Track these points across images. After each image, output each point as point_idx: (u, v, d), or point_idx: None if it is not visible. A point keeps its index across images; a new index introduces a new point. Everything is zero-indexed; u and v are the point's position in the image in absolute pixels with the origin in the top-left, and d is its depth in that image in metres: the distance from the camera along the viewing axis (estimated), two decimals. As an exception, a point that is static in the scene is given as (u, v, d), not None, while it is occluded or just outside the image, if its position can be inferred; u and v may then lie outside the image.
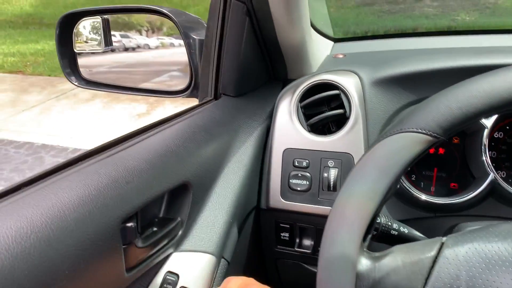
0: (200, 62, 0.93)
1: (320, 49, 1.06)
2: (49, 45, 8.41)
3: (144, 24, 1.13)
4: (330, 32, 1.17)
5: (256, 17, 0.82)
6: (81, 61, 0.99)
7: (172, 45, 1.12)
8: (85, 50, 0.97)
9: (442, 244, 0.48)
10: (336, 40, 1.19)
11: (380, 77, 0.81)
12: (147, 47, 1.11)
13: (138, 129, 0.70)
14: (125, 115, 4.81)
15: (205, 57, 0.89)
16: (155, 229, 0.64)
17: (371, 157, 0.54)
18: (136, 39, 1.08)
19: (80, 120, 4.73)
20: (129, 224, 0.55)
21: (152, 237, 0.61)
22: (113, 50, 1.03)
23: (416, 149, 0.52)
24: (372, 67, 0.84)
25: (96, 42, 0.97)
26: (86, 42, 0.97)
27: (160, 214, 0.67)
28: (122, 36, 1.07)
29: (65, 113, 5.00)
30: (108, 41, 0.97)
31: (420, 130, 0.51)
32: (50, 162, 3.77)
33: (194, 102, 0.92)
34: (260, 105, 0.91)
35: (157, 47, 1.12)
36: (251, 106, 0.90)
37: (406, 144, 0.52)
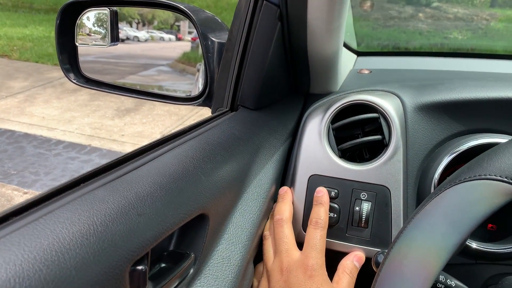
0: (217, 68, 0.83)
1: (345, 63, 0.98)
2: (38, 30, 8.19)
3: (135, 16, 1.06)
4: (354, 45, 1.09)
5: (288, 23, 0.72)
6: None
7: (162, 39, 1.08)
8: (87, 44, 0.86)
9: None
10: (359, 54, 1.11)
11: (426, 102, 0.72)
12: (137, 39, 1.04)
13: (148, 144, 0.60)
14: (112, 108, 4.66)
15: (225, 62, 0.79)
16: (163, 265, 0.54)
17: (440, 205, 0.45)
18: (126, 30, 1.01)
19: (65, 111, 4.57)
20: (139, 267, 0.45)
21: (163, 278, 0.50)
22: (123, 40, 0.93)
23: (497, 201, 0.43)
24: (415, 90, 0.75)
25: (100, 36, 0.87)
26: (88, 35, 0.86)
27: (170, 247, 0.57)
28: (111, 27, 0.99)
29: (50, 102, 4.82)
30: (114, 36, 0.86)
31: (506, 179, 0.42)
32: (32, 153, 3.62)
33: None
34: (281, 121, 0.82)
35: (146, 40, 1.06)
36: (271, 122, 0.80)
37: (486, 195, 0.43)
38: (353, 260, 0.69)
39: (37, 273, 0.35)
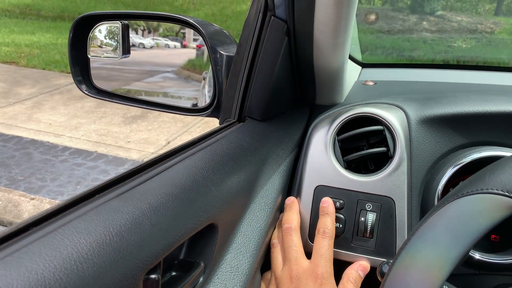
0: (225, 80, 0.85)
1: (350, 74, 0.99)
2: (45, 37, 8.28)
3: (140, 23, 1.08)
4: (359, 57, 1.11)
5: (295, 38, 0.74)
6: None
7: (167, 46, 1.09)
8: (99, 56, 0.89)
9: None
10: (364, 66, 1.13)
11: (429, 115, 0.74)
12: (142, 46, 1.06)
13: (159, 156, 0.62)
14: (119, 115, 4.70)
15: (233, 75, 0.81)
16: (174, 273, 0.56)
17: (443, 218, 0.46)
18: (131, 37, 1.03)
19: (71, 118, 4.61)
20: (152, 276, 0.47)
21: (174, 287, 0.52)
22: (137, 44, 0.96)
23: (499, 215, 0.44)
24: (419, 103, 0.77)
25: (111, 48, 0.89)
26: (100, 46, 0.89)
27: (180, 256, 0.59)
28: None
29: (57, 109, 4.87)
30: (126, 49, 0.88)
31: (507, 194, 0.43)
32: (38, 159, 3.65)
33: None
34: (287, 132, 0.84)
35: (152, 47, 1.07)
36: (277, 133, 0.82)
37: (487, 208, 0.44)
38: (357, 270, 0.70)
39: (58, 281, 0.36)
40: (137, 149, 3.91)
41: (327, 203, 0.73)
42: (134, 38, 1.02)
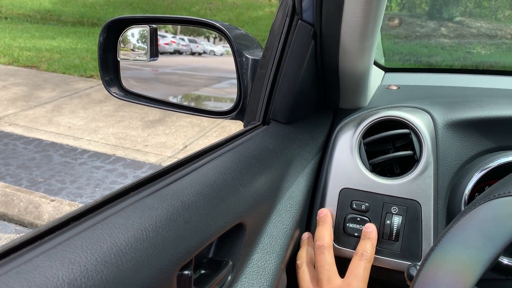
0: (250, 83, 0.86)
1: (373, 78, 1.00)
2: (65, 42, 8.42)
3: (212, 31, 1.12)
4: (382, 61, 1.11)
5: (321, 41, 0.75)
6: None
7: None
8: (129, 58, 0.91)
9: None
10: (387, 70, 1.13)
11: (456, 119, 0.74)
12: (213, 53, 1.09)
13: (189, 156, 0.63)
14: (137, 119, 4.75)
15: (259, 78, 0.82)
16: (203, 271, 0.57)
17: (474, 219, 0.46)
18: (203, 44, 1.08)
19: (90, 121, 4.68)
20: (186, 272, 0.48)
21: (204, 284, 0.53)
22: (180, 53, 1.02)
23: None
24: (445, 107, 0.77)
25: (144, 52, 0.91)
26: (133, 50, 0.91)
27: (209, 254, 0.60)
28: (190, 40, 1.08)
29: (76, 112, 4.95)
30: (154, 52, 0.90)
31: None
32: (58, 161, 3.71)
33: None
34: (311, 135, 0.84)
35: (222, 55, 1.10)
36: (302, 136, 0.83)
37: None
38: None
39: (99, 273, 0.38)
40: (154, 153, 3.95)
41: (371, 229, 0.72)
42: (205, 45, 1.07)
